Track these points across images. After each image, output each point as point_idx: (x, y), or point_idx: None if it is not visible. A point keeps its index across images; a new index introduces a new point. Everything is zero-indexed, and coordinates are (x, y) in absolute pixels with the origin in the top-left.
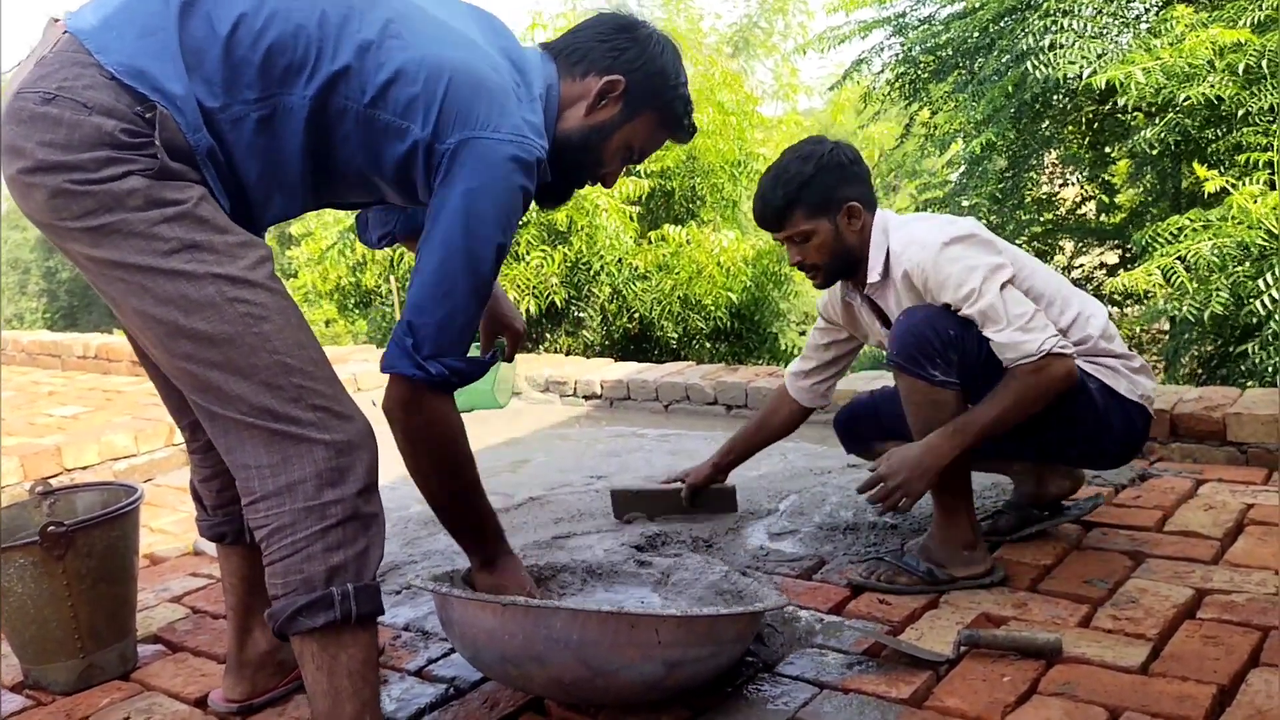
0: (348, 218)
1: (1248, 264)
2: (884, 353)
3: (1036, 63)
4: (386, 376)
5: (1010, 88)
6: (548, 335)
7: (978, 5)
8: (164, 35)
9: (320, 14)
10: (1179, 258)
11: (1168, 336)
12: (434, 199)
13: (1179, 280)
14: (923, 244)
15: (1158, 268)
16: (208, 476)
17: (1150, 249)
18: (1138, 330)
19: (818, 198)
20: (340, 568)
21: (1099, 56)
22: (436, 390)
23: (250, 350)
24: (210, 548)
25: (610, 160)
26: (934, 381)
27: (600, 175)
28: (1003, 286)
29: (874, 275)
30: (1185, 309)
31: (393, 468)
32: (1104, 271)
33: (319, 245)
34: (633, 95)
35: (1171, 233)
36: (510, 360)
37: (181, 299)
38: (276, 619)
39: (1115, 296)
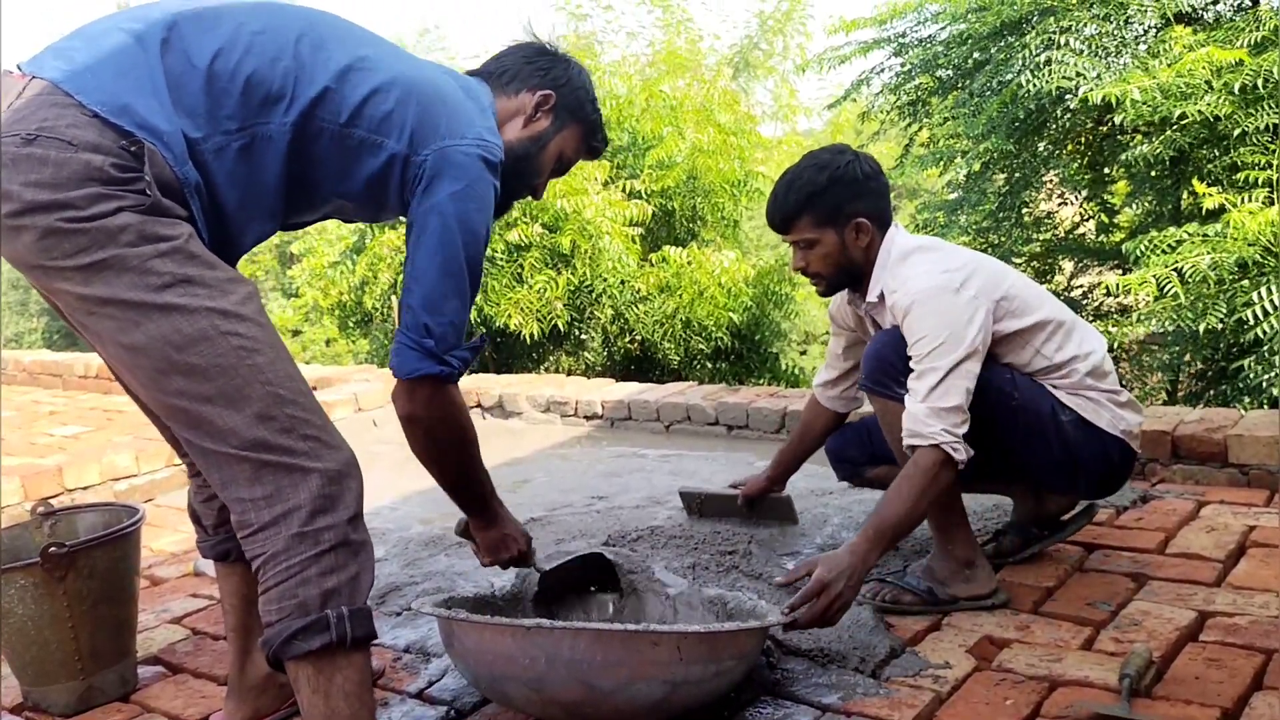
0: (350, 235)
1: (1246, 281)
2: None
3: (1031, 77)
4: (384, 399)
5: (1008, 99)
6: (549, 356)
7: (976, 23)
8: (145, 70)
9: (295, 44)
10: (1175, 269)
11: (1161, 348)
12: (419, 207)
13: (1173, 290)
14: (912, 288)
15: (1153, 276)
16: (208, 497)
17: (1144, 258)
18: (1134, 347)
19: (826, 208)
20: (334, 591)
21: (1096, 76)
22: (454, 382)
23: (245, 383)
24: (210, 568)
25: (544, 170)
26: (901, 400)
27: (534, 186)
28: (955, 365)
29: (872, 296)
30: (1181, 320)
31: (396, 488)
32: (1102, 290)
33: (321, 262)
34: (561, 108)
35: (1169, 245)
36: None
37: (175, 333)
38: (271, 644)
39: (1114, 316)
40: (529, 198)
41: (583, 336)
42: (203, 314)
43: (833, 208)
